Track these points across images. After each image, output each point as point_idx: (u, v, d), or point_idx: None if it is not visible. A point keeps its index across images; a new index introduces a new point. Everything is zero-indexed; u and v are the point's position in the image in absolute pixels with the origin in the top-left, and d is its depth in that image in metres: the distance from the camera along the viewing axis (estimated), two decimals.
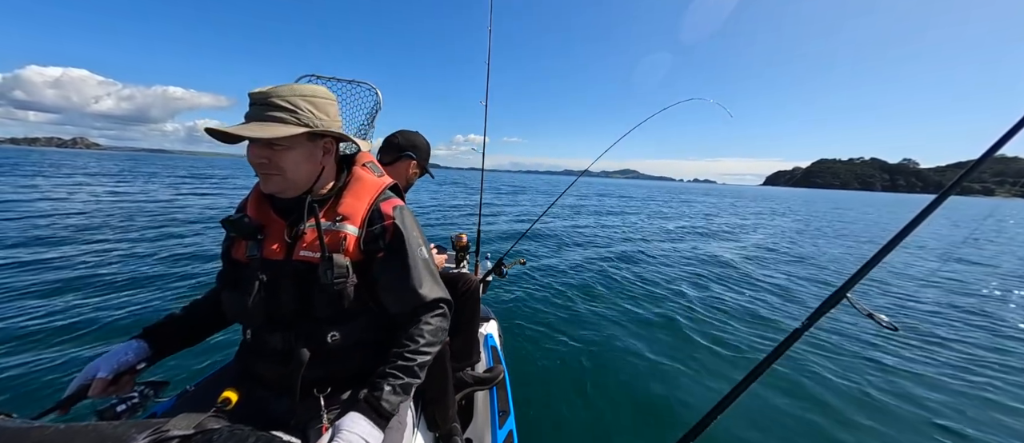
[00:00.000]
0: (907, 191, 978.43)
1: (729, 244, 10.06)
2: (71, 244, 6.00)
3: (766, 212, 23.72)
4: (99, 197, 12.63)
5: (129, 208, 10.52)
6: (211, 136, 0.86)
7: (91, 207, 10.21)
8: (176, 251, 6.02)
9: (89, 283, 4.28)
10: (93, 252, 5.61)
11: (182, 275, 4.87)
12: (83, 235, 6.69)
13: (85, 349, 2.92)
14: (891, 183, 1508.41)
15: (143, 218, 8.99)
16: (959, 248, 10.89)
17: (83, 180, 18.82)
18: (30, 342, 2.97)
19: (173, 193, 15.44)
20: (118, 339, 2.97)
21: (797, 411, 2.66)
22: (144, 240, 6.68)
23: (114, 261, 5.24)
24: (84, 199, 11.78)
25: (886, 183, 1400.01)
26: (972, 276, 7.31)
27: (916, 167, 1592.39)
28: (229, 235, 1.01)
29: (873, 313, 0.98)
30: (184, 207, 11.58)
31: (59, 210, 9.20)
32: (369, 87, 1.35)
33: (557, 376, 2.98)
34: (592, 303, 4.69)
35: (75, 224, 7.61)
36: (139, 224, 8.20)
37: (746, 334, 3.97)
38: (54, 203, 10.38)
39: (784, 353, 1.09)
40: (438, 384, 1.33)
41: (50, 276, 4.40)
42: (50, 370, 2.62)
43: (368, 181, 1.05)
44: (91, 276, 4.51)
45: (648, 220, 15.04)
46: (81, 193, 13.32)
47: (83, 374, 0.91)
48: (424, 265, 1.02)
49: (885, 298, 5.63)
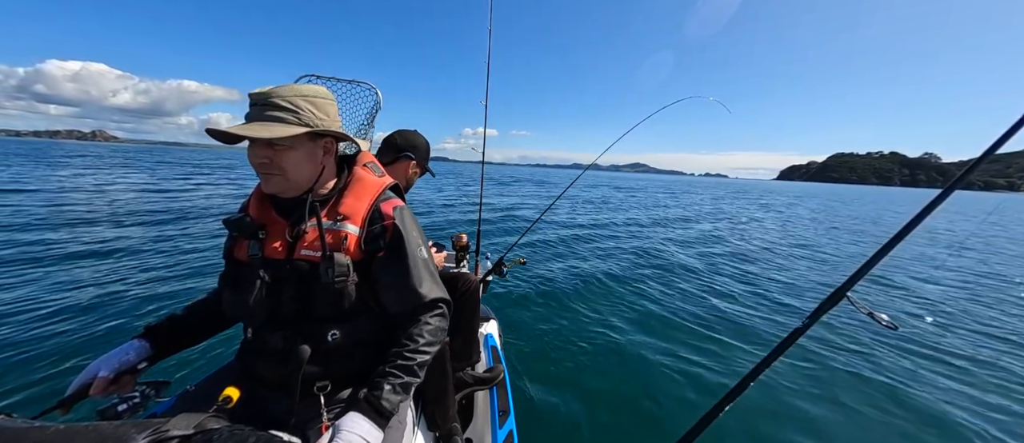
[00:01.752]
0: (927, 186, 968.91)
1: (729, 244, 10.05)
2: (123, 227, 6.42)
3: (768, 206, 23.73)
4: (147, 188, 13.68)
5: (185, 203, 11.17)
6: (212, 137, 0.88)
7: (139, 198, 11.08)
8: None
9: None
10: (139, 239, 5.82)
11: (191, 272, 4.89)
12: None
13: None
14: (911, 178, 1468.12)
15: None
16: (962, 244, 10.88)
17: (129, 173, 20.32)
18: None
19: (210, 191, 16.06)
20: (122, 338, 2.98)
21: (797, 411, 2.66)
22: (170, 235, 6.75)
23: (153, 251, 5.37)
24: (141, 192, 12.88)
25: (905, 178, 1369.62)
26: (972, 274, 7.31)
27: (937, 162, 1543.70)
28: (231, 235, 1.02)
29: (873, 312, 0.98)
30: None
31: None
32: (369, 87, 1.36)
33: (557, 376, 2.98)
34: (592, 302, 4.69)
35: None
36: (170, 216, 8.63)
37: (746, 333, 3.97)
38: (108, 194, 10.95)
39: (784, 352, 1.09)
40: (438, 384, 1.33)
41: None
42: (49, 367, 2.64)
43: (369, 181, 1.06)
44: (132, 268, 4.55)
45: (648, 214, 15.03)
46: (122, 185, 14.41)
47: (84, 373, 0.92)
48: (424, 265, 1.02)
49: (885, 297, 5.63)
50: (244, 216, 0.97)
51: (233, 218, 0.97)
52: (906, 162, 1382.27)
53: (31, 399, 2.38)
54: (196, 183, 17.81)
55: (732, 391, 1.09)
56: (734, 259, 7.96)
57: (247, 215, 0.98)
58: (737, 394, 1.09)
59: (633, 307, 4.59)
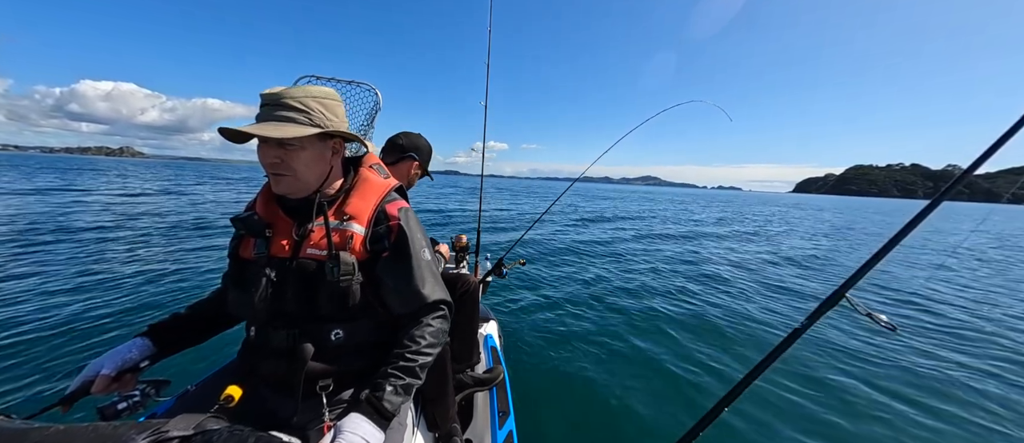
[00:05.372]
0: (952, 199, 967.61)
1: (729, 246, 10.06)
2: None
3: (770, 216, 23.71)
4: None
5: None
6: (224, 136, 0.88)
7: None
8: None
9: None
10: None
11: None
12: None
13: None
14: (934, 191, 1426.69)
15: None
16: (958, 248, 10.89)
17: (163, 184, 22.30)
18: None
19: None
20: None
21: (796, 411, 2.66)
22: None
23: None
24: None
25: (929, 190, 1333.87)
26: (971, 276, 7.31)
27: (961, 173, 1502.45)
28: (237, 233, 1.02)
29: (872, 313, 0.98)
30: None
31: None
32: (369, 88, 1.36)
33: (557, 376, 2.98)
34: (592, 303, 4.69)
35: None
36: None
37: (746, 334, 3.97)
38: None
39: (783, 353, 1.10)
40: (438, 385, 1.33)
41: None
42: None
43: (374, 182, 1.07)
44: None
45: (651, 222, 15.05)
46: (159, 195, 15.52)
47: (86, 371, 0.92)
48: (427, 267, 1.03)
49: (885, 297, 5.63)
50: (251, 214, 0.98)
51: (240, 216, 0.98)
52: (928, 174, 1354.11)
53: (31, 399, 2.38)
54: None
55: (732, 391, 1.09)
56: (733, 262, 7.96)
57: (254, 213, 0.99)
58: (737, 394, 1.09)
59: (633, 308, 4.59)
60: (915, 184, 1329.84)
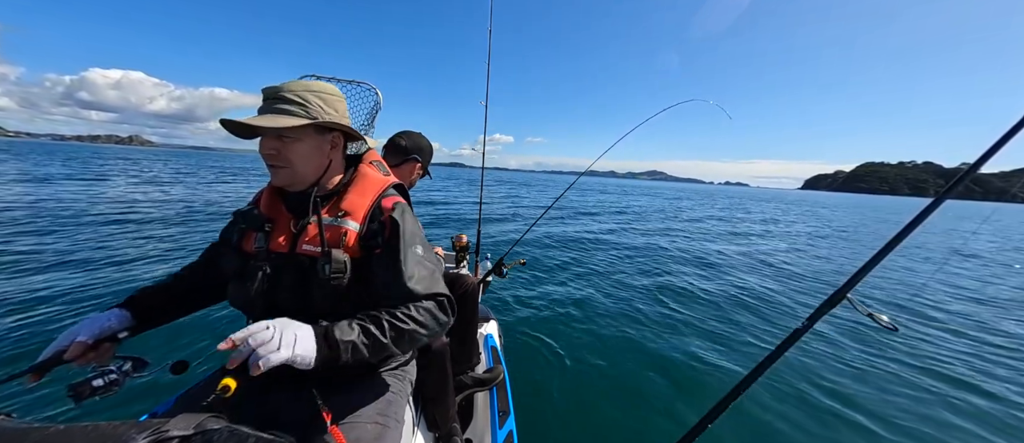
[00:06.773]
0: (966, 198, 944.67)
1: (729, 245, 10.05)
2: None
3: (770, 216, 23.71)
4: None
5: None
6: (224, 127, 0.90)
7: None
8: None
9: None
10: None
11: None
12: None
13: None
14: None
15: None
16: (960, 248, 10.88)
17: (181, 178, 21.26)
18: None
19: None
20: None
21: (797, 411, 2.66)
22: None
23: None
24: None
25: (940, 188, 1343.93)
26: (971, 276, 7.30)
27: (975, 173, 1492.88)
28: (241, 227, 1.02)
29: (873, 313, 0.98)
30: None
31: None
32: (369, 87, 1.36)
33: (558, 376, 2.98)
34: (592, 303, 4.68)
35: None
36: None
37: (746, 334, 3.97)
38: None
39: (784, 353, 1.09)
40: (438, 385, 1.33)
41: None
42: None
43: (372, 178, 1.07)
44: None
45: (650, 220, 15.05)
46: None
47: (62, 337, 0.87)
48: (419, 262, 0.99)
49: (884, 297, 5.62)
50: (253, 209, 1.01)
51: (243, 210, 1.01)
52: (941, 173, 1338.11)
53: (31, 399, 2.38)
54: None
55: (733, 391, 1.09)
56: (733, 261, 7.96)
57: (256, 208, 1.01)
58: (738, 394, 1.09)
59: (634, 308, 4.59)
60: (927, 182, 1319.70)
